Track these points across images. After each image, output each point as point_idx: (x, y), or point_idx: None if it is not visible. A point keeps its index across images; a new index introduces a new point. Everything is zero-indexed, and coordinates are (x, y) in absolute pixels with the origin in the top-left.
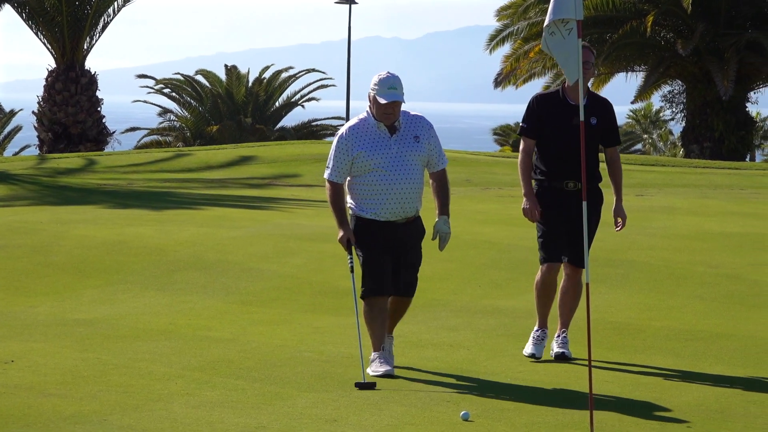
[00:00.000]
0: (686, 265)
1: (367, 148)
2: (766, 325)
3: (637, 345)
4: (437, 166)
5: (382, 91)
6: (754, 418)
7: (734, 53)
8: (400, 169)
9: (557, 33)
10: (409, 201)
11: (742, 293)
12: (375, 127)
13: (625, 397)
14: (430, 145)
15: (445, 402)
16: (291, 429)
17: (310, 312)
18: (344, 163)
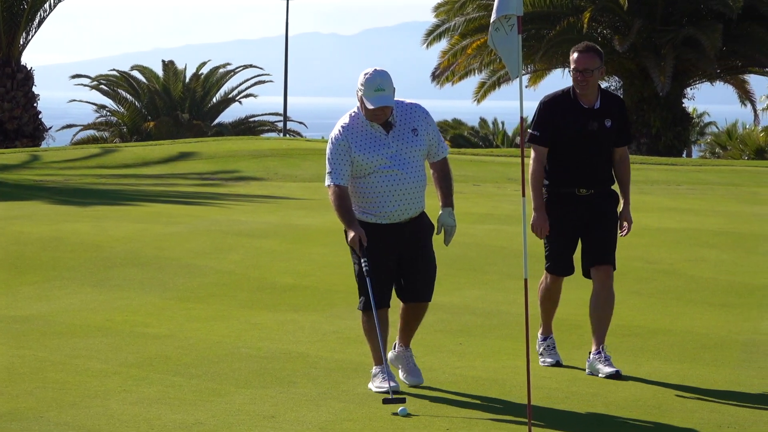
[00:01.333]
0: (624, 261)
1: (363, 149)
2: (703, 321)
3: (575, 341)
4: (438, 155)
5: (369, 93)
6: (690, 413)
7: (671, 49)
8: (402, 168)
9: (501, 29)
10: (414, 201)
11: (679, 289)
12: (368, 125)
13: (563, 392)
14: (429, 136)
15: (383, 398)
16: (228, 425)
17: (248, 308)
18: (344, 164)
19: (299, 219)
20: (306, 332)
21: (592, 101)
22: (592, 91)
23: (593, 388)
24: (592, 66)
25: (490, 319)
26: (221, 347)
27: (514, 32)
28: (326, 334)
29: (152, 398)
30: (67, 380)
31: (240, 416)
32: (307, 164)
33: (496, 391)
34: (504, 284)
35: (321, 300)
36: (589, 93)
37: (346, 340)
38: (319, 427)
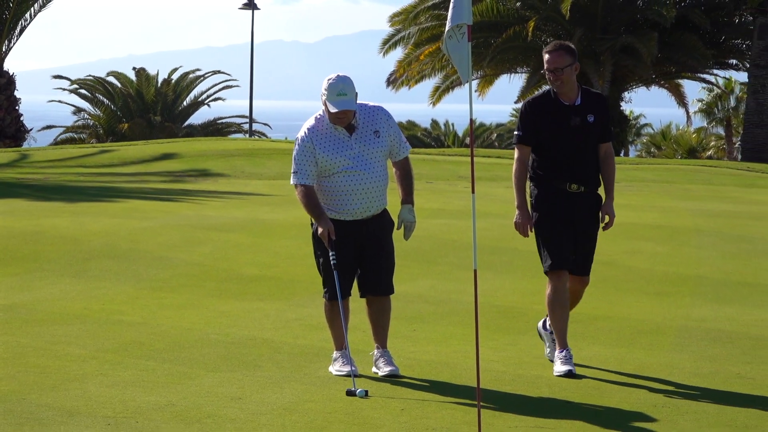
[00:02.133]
0: None
1: (327, 150)
2: (639, 308)
3: (521, 327)
4: (399, 154)
5: (332, 98)
6: (628, 393)
7: (609, 56)
8: (364, 169)
9: (454, 37)
10: (376, 199)
11: (617, 278)
12: (332, 128)
13: (510, 375)
14: (391, 137)
15: (342, 381)
16: (198, 406)
17: (216, 297)
18: (310, 164)
19: (264, 214)
20: (270, 319)
21: (573, 98)
22: (570, 88)
23: (537, 371)
24: (563, 64)
25: (441, 306)
26: (191, 334)
27: (464, 40)
28: (289, 321)
29: (127, 381)
30: (47, 365)
31: (209, 398)
32: (272, 163)
33: (448, 374)
34: (455, 274)
35: (284, 289)
36: (568, 90)
37: (308, 327)
38: (283, 408)
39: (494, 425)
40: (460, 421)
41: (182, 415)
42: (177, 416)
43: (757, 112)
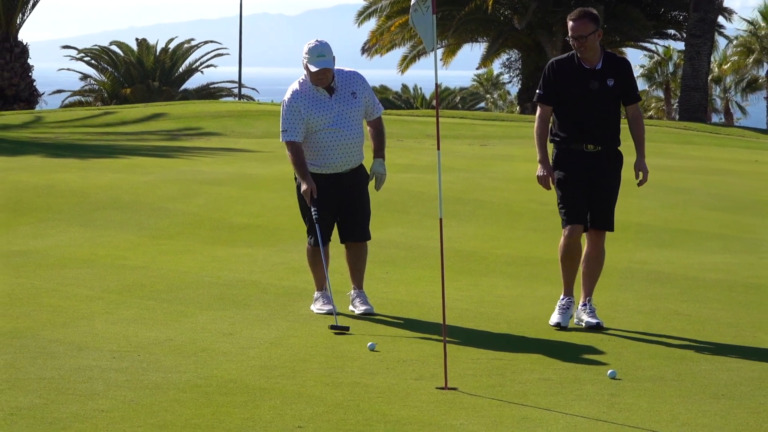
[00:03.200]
0: (522, 203)
1: (312, 110)
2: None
3: (482, 269)
4: (374, 114)
5: (312, 59)
6: (577, 328)
7: (561, 27)
8: (343, 126)
9: (419, 10)
10: (354, 153)
11: None
12: (314, 90)
13: (473, 313)
14: (366, 98)
15: (323, 318)
16: (194, 341)
17: (210, 244)
18: (298, 122)
19: (252, 169)
20: (258, 263)
21: (594, 62)
22: (593, 53)
23: (498, 309)
24: (586, 32)
25: (411, 251)
26: (187, 276)
27: (429, 13)
28: (275, 265)
29: (130, 319)
30: (58, 304)
31: (203, 333)
32: (259, 123)
33: (417, 312)
34: (423, 222)
35: (270, 237)
36: (590, 55)
37: (292, 270)
38: (270, 342)
39: (458, 357)
40: (428, 354)
41: (179, 349)
42: (175, 350)
43: (693, 77)
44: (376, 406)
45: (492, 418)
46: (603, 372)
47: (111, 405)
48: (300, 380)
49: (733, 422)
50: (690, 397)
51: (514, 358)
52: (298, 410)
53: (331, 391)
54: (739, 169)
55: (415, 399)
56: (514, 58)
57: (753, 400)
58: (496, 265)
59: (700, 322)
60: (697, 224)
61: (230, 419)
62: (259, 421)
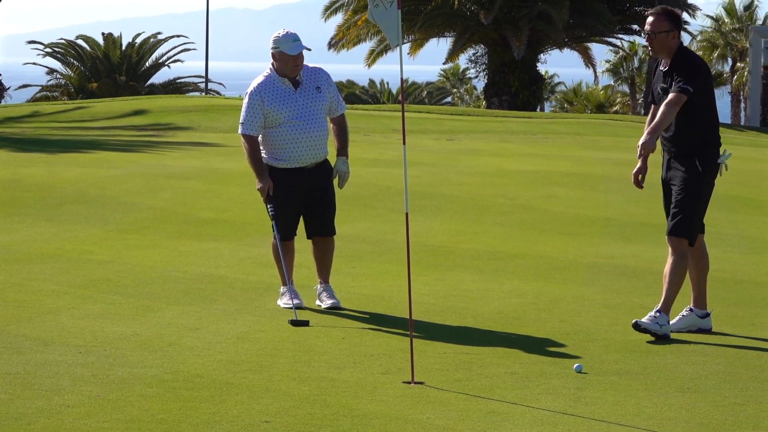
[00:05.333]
0: (488, 198)
1: (275, 103)
2: (554, 247)
3: (449, 263)
4: (337, 111)
5: (287, 45)
6: (544, 323)
7: (527, 22)
8: (308, 120)
9: (381, 5)
10: (318, 147)
11: (534, 220)
12: (280, 82)
13: (439, 307)
14: (331, 94)
15: (289, 313)
16: (160, 336)
17: (176, 238)
18: (257, 117)
19: (219, 163)
20: (225, 258)
21: (666, 62)
22: (664, 53)
23: (464, 303)
24: (656, 29)
25: (377, 246)
26: (154, 271)
27: (393, 8)
28: (242, 260)
29: (96, 314)
30: (24, 299)
31: (170, 328)
32: (226, 118)
33: (383, 306)
34: (389, 217)
35: (237, 231)
36: (663, 55)
37: (258, 265)
38: (236, 337)
39: (425, 351)
40: (394, 348)
41: (146, 344)
42: (141, 345)
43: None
44: (343, 400)
45: (459, 412)
46: (569, 366)
47: (77, 400)
48: (267, 375)
49: (699, 415)
50: (656, 390)
51: (481, 352)
52: (265, 405)
53: (298, 386)
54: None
55: (382, 393)
56: (481, 53)
57: (718, 393)
58: (462, 260)
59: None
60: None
61: (197, 414)
62: (225, 416)
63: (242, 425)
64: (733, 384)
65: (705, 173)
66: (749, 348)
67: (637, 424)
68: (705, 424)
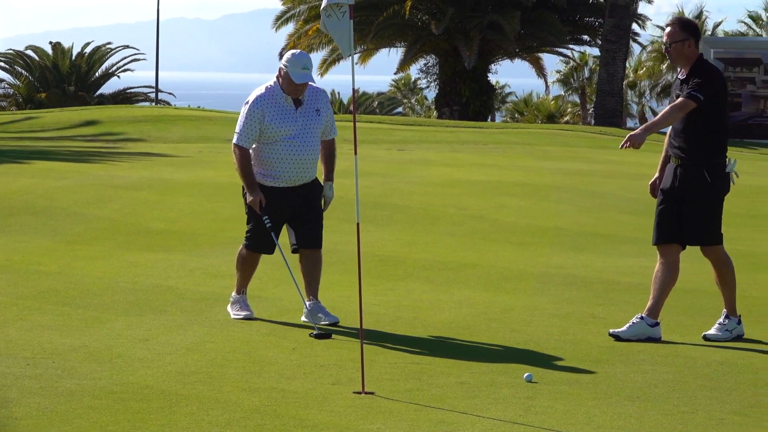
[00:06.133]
0: (439, 208)
1: (276, 119)
2: (505, 256)
3: (400, 273)
4: (330, 135)
5: (296, 70)
6: (494, 332)
7: (478, 32)
8: (305, 140)
9: (333, 15)
10: (310, 168)
11: (485, 230)
12: (283, 99)
13: (390, 317)
14: (327, 117)
15: (240, 323)
16: (109, 347)
17: (126, 249)
18: (254, 130)
19: (169, 174)
20: (175, 269)
21: (684, 71)
22: (682, 62)
23: (415, 313)
24: (673, 39)
25: (328, 256)
26: (103, 282)
27: (345, 18)
28: (192, 270)
29: (45, 325)
30: None
31: (119, 339)
32: (176, 128)
33: (335, 313)
34: (340, 227)
35: (187, 242)
36: (681, 65)
37: (209, 275)
38: (186, 348)
39: (376, 362)
40: (345, 358)
41: (95, 356)
42: (90, 356)
43: (608, 82)
44: (293, 411)
45: (409, 422)
46: (519, 375)
47: (25, 412)
48: (217, 386)
49: (648, 424)
50: (605, 399)
51: (432, 362)
52: (215, 416)
53: (248, 397)
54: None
55: (332, 404)
56: (432, 63)
57: (667, 402)
58: (413, 270)
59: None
60: (613, 228)
61: (146, 426)
62: (175, 427)
63: None
64: (682, 393)
65: (714, 183)
66: (698, 357)
67: None
68: None
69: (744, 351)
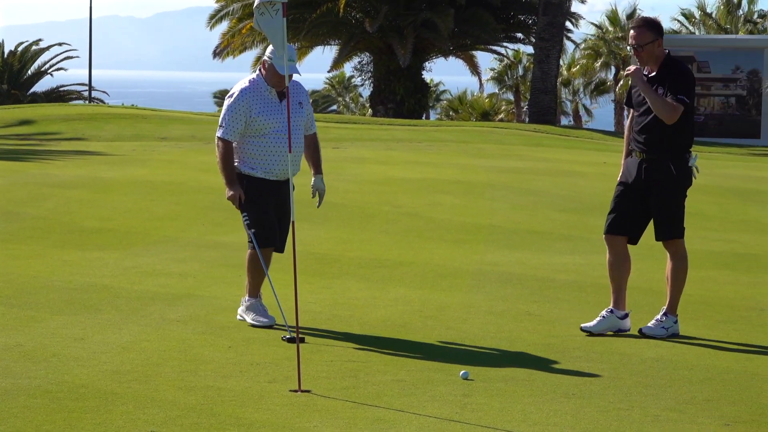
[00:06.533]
0: (374, 206)
1: (262, 113)
2: (439, 254)
3: (335, 271)
4: (311, 129)
5: (281, 62)
6: (430, 330)
7: (412, 30)
8: (292, 133)
9: (266, 13)
10: (296, 162)
11: (420, 228)
12: (267, 92)
13: (326, 315)
14: (308, 111)
15: (175, 322)
16: (44, 346)
17: (60, 248)
18: (239, 123)
19: (103, 172)
20: (110, 267)
21: (652, 69)
22: (652, 62)
23: (351, 311)
24: (642, 41)
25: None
26: (37, 281)
27: (279, 16)
28: (127, 269)
29: None
30: None
31: (54, 338)
32: (110, 126)
33: (271, 314)
34: None
35: (122, 240)
36: (649, 64)
37: (143, 274)
38: (122, 347)
39: (312, 360)
40: (281, 356)
41: (30, 355)
42: (25, 355)
43: (542, 80)
44: (229, 409)
45: (346, 420)
46: (455, 373)
47: None
48: (153, 384)
49: (584, 421)
50: (541, 396)
51: (368, 360)
52: (151, 414)
53: (184, 395)
54: (588, 171)
55: (268, 402)
56: (366, 61)
57: (603, 398)
58: (349, 268)
59: (551, 322)
60: (547, 225)
61: (82, 424)
62: (111, 426)
63: None
64: (618, 389)
65: (679, 177)
66: (633, 353)
67: (523, 429)
68: (590, 429)
69: (679, 347)
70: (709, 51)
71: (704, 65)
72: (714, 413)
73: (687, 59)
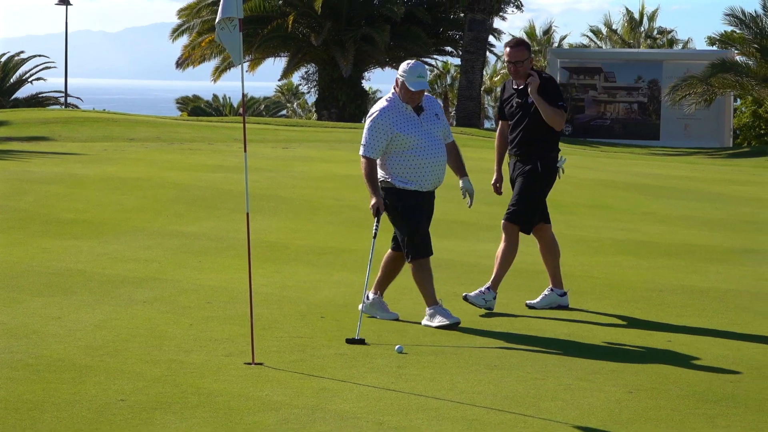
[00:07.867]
0: (320, 199)
1: (402, 129)
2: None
3: (285, 258)
4: (448, 138)
5: (411, 79)
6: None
7: (352, 44)
8: (432, 145)
9: (226, 28)
10: (442, 172)
11: (360, 219)
12: (404, 108)
13: (276, 296)
14: (444, 121)
15: (142, 302)
16: (25, 324)
17: (39, 237)
18: (382, 141)
19: (78, 170)
20: (84, 254)
21: (522, 82)
22: (524, 77)
23: (299, 293)
24: (522, 58)
25: (221, 242)
26: (19, 266)
27: (236, 30)
28: (99, 255)
29: None
30: None
31: (34, 317)
32: (84, 129)
33: (227, 296)
34: (232, 217)
35: (95, 230)
36: (523, 78)
37: (114, 260)
38: (95, 325)
39: (264, 336)
40: (236, 333)
41: (12, 332)
42: (8, 333)
43: (468, 88)
44: (190, 380)
45: (294, 389)
46: (391, 347)
47: None
48: (122, 358)
49: (504, 389)
50: (467, 368)
51: (314, 336)
52: (121, 385)
53: (150, 368)
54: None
55: (225, 373)
56: (312, 71)
57: (521, 369)
58: (297, 254)
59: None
60: (472, 217)
61: (59, 394)
62: (85, 395)
63: (100, 404)
64: (534, 361)
65: (544, 174)
66: (547, 329)
67: (451, 397)
68: (510, 396)
69: (587, 324)
70: (615, 63)
71: (611, 75)
72: (619, 382)
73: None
